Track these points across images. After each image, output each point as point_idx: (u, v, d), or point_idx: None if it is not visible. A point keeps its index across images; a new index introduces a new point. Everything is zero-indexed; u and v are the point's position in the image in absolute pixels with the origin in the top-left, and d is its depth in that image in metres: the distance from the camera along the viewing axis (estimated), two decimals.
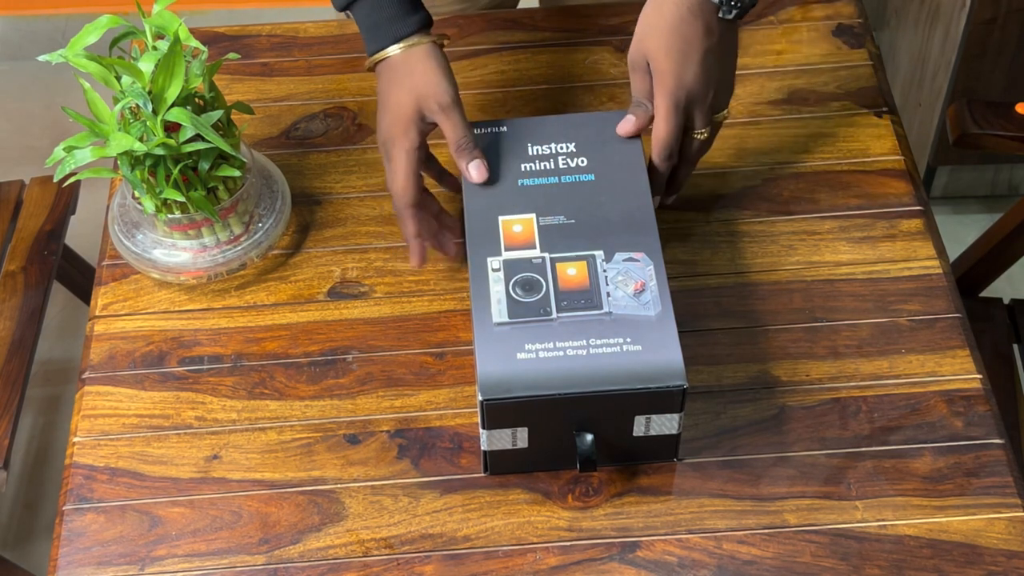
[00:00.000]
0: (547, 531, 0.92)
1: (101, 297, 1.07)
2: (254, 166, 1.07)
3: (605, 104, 1.19)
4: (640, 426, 0.90)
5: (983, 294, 1.51)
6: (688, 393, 0.88)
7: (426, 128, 1.00)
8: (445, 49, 1.02)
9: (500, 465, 0.94)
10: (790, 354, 1.00)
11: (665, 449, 0.93)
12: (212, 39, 1.26)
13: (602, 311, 0.90)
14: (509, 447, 0.91)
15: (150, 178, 1.00)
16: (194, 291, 1.07)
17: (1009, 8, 1.73)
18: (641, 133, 1.01)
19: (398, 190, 1.00)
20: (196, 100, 1.02)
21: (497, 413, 0.88)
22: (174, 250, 1.05)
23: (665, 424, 0.90)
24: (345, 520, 0.93)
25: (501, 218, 0.96)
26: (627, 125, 1.00)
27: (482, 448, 0.92)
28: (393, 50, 0.99)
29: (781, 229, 1.09)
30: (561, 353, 0.88)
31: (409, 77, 0.99)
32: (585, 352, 0.88)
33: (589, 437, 0.89)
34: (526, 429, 0.89)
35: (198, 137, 0.98)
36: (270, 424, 0.98)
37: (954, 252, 1.43)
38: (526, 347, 0.88)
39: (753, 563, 0.90)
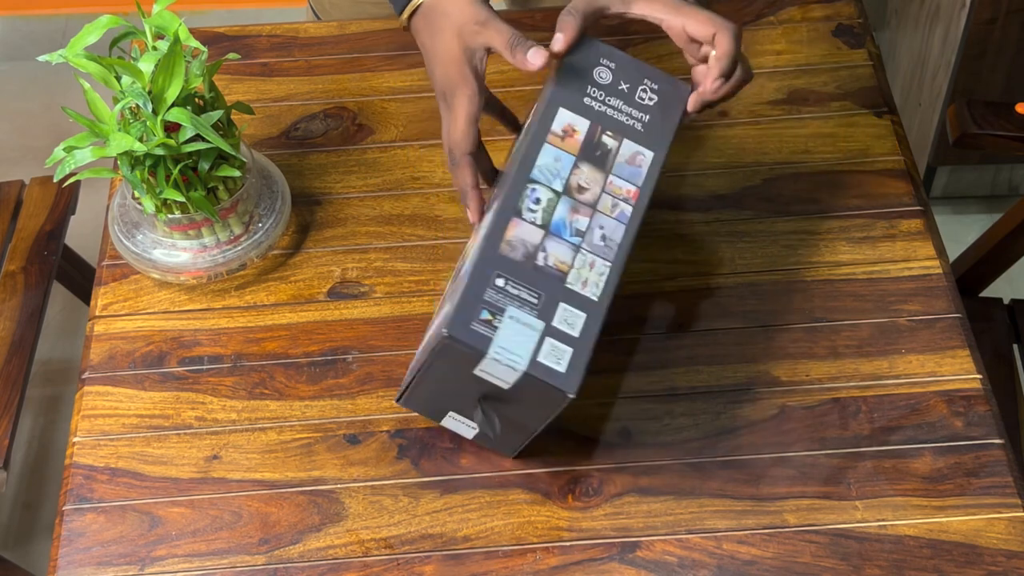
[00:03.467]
0: (547, 531, 0.92)
1: (101, 297, 1.07)
2: (254, 166, 1.07)
3: None
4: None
5: (983, 294, 1.51)
6: (689, 393, 0.88)
7: (481, 65, 0.96)
8: None
9: (413, 399, 0.93)
10: (790, 354, 1.00)
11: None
12: (212, 39, 1.26)
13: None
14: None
15: (150, 178, 1.00)
16: (194, 291, 1.07)
17: (1009, 8, 1.73)
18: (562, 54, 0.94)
19: (458, 137, 0.95)
20: (196, 100, 1.02)
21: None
22: (174, 250, 1.05)
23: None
24: (345, 520, 0.93)
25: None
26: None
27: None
28: None
29: (781, 229, 1.09)
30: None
31: (445, 18, 0.96)
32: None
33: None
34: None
35: (198, 137, 0.98)
36: (270, 424, 0.98)
37: (954, 252, 1.43)
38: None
39: (753, 563, 0.90)
